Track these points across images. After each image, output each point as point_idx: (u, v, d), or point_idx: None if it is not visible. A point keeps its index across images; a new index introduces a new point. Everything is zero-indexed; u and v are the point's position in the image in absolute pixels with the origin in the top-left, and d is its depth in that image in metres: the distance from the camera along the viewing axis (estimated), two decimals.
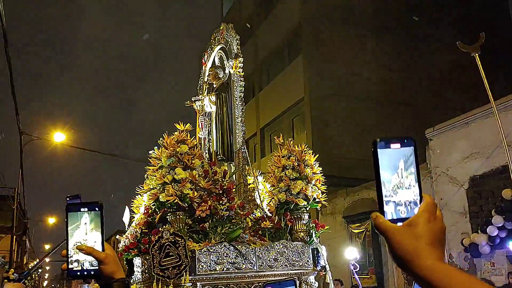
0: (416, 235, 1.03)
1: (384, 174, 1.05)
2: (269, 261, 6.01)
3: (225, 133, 7.24)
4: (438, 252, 1.03)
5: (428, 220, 1.04)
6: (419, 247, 1.02)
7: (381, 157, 1.05)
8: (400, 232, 1.03)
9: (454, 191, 12.51)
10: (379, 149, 1.05)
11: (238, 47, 7.25)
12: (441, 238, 1.06)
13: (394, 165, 1.05)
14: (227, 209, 6.06)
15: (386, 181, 1.05)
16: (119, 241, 6.90)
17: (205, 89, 7.88)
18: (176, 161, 6.06)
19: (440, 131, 13.17)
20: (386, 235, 1.05)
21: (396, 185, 1.05)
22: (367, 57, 20.02)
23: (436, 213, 1.07)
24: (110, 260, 1.48)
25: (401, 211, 1.05)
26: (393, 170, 1.05)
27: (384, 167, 1.05)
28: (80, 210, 1.46)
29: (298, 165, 6.36)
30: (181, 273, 5.55)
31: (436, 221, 1.06)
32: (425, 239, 1.02)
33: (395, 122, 19.23)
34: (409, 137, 1.09)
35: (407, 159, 1.06)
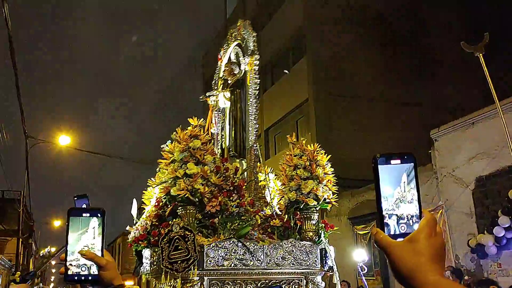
0: (416, 251, 1.03)
1: (385, 188, 1.06)
2: (277, 259, 6.03)
3: (238, 129, 7.25)
4: (438, 267, 1.03)
5: (428, 236, 1.04)
6: (420, 263, 1.02)
7: (381, 173, 1.06)
8: (401, 248, 1.04)
9: (460, 192, 12.49)
10: (379, 165, 1.07)
11: (255, 44, 7.25)
12: (441, 254, 1.05)
13: (395, 180, 1.06)
14: (237, 205, 6.09)
15: (388, 196, 1.06)
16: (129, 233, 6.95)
17: (220, 85, 7.89)
18: (188, 155, 6.08)
19: (445, 131, 13.14)
20: (386, 251, 1.06)
21: (398, 199, 1.06)
22: (371, 58, 19.96)
23: (436, 228, 1.07)
24: (110, 266, 1.50)
25: (401, 226, 1.06)
26: (394, 185, 1.06)
27: (385, 182, 1.07)
28: (82, 215, 1.46)
29: (310, 165, 6.36)
30: (189, 267, 5.58)
31: (437, 237, 1.06)
32: (426, 255, 1.02)
33: (400, 123, 19.19)
34: (409, 153, 1.09)
35: (408, 174, 1.07)
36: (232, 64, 7.77)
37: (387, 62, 19.85)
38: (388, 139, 18.89)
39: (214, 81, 8.18)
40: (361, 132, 19.02)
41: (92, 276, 1.46)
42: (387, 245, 1.06)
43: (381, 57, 19.92)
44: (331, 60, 19.74)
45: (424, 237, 1.04)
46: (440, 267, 1.03)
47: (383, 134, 18.97)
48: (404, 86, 19.65)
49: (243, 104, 7.32)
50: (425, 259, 1.02)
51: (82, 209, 1.52)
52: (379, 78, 19.69)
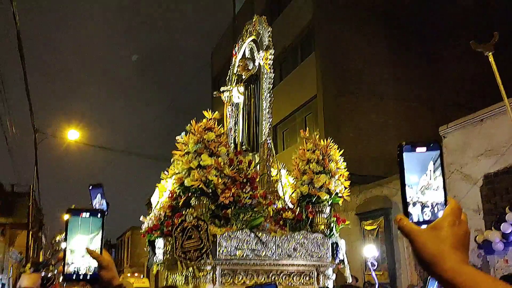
0: (440, 238, 1.04)
1: (410, 176, 1.07)
2: (288, 250, 6.12)
3: (251, 124, 7.31)
4: (462, 255, 1.05)
5: (452, 224, 1.05)
6: (443, 250, 1.03)
7: (406, 160, 1.07)
8: (424, 234, 1.05)
9: (468, 189, 12.53)
10: (404, 152, 1.07)
11: (270, 39, 7.30)
12: (465, 242, 1.06)
13: (421, 167, 1.07)
14: (250, 197, 6.17)
15: (413, 183, 1.07)
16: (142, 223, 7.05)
17: (234, 80, 7.96)
18: (202, 147, 6.17)
19: (454, 128, 13.16)
20: (410, 238, 1.06)
21: (424, 187, 1.07)
22: (380, 55, 19.93)
23: (461, 217, 1.09)
24: (110, 267, 1.52)
25: (425, 214, 1.06)
26: (420, 172, 1.07)
27: (410, 169, 1.07)
28: (81, 215, 1.48)
29: (323, 159, 6.44)
30: (202, 256, 5.68)
31: (461, 225, 1.07)
32: (449, 242, 1.04)
33: (409, 120, 19.18)
34: (435, 141, 1.11)
35: (434, 161, 1.08)
36: (247, 59, 7.82)
37: (397, 59, 19.83)
38: (396, 137, 18.92)
39: (228, 77, 8.24)
40: (369, 129, 19.04)
41: (91, 275, 1.48)
42: (410, 231, 1.06)
43: (390, 54, 19.91)
44: (340, 56, 19.74)
45: (448, 224, 1.04)
46: (463, 255, 1.04)
47: (391, 131, 19.00)
48: (413, 84, 19.64)
49: (256, 99, 7.38)
50: (448, 246, 1.03)
51: (82, 209, 1.52)
52: (388, 75, 19.69)
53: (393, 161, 6.92)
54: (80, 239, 1.47)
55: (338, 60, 19.81)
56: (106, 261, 1.50)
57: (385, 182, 15.52)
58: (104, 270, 1.49)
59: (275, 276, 6.14)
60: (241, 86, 7.50)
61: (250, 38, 7.92)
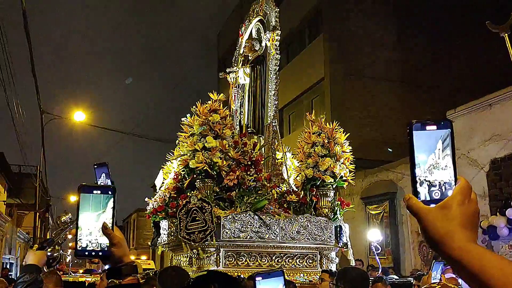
0: (448, 217, 1.03)
1: (419, 155, 1.05)
2: (292, 233, 6.13)
3: (257, 106, 7.28)
4: (471, 234, 1.03)
5: (461, 203, 1.04)
6: (451, 229, 1.02)
7: (416, 139, 1.05)
8: (433, 213, 1.04)
9: (474, 174, 12.44)
10: (414, 130, 1.05)
11: (276, 20, 7.21)
12: (474, 221, 1.05)
13: (430, 146, 1.05)
14: (254, 180, 6.17)
15: (421, 162, 1.05)
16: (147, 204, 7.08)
17: (240, 61, 7.89)
18: (207, 129, 6.15)
19: (461, 112, 13.03)
20: (418, 217, 1.05)
21: (432, 166, 1.05)
22: (389, 37, 19.70)
23: (471, 195, 1.06)
24: (121, 244, 1.51)
25: (434, 193, 1.05)
26: (429, 151, 1.05)
27: (419, 148, 1.05)
28: (93, 192, 1.48)
29: (328, 143, 6.41)
30: (206, 238, 5.71)
31: (470, 204, 1.05)
32: (458, 221, 1.02)
33: (417, 104, 19.03)
34: (446, 119, 1.08)
35: (444, 140, 1.06)
36: (253, 40, 7.74)
37: (405, 41, 19.60)
38: (403, 120, 18.80)
39: (234, 58, 8.17)
40: (376, 113, 18.92)
41: (102, 251, 1.49)
42: (419, 210, 1.05)
43: (398, 36, 19.68)
44: (347, 39, 19.53)
45: (457, 203, 1.03)
46: (472, 234, 1.03)
47: (399, 115, 18.87)
48: (421, 67, 19.45)
49: (262, 81, 7.33)
50: (456, 225, 1.02)
51: (93, 186, 1.51)
52: (396, 58, 19.48)
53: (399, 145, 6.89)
54: (92, 216, 1.47)
55: (345, 43, 19.60)
56: (117, 238, 1.50)
57: (391, 167, 15.46)
58: (115, 247, 1.50)
59: (278, 258, 6.17)
60: (247, 68, 7.43)
61: (257, 19, 7.84)
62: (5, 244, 25.15)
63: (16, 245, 29.00)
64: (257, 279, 2.01)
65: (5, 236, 24.83)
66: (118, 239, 1.51)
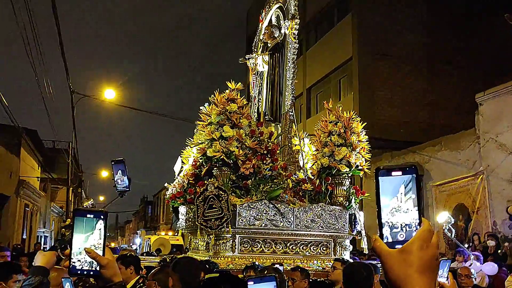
0: (407, 262, 1.05)
1: (384, 199, 1.10)
2: (306, 221, 6.25)
3: (275, 94, 7.32)
4: (427, 280, 1.06)
5: (420, 248, 1.06)
6: (409, 275, 1.05)
7: (382, 184, 1.10)
8: (393, 257, 1.07)
9: (502, 158, 12.24)
10: (380, 176, 1.10)
11: (295, 8, 7.19)
12: (432, 265, 1.08)
13: (393, 190, 1.10)
14: (270, 169, 6.27)
15: (385, 206, 1.10)
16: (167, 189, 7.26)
17: (260, 47, 7.91)
18: (225, 118, 6.26)
19: (491, 95, 12.75)
20: (381, 259, 1.10)
21: (394, 209, 1.09)
22: (419, 17, 19.26)
23: (431, 239, 1.09)
24: (110, 265, 1.60)
25: (399, 234, 1.09)
26: (392, 195, 1.10)
27: (385, 192, 1.10)
28: (86, 216, 1.58)
29: (344, 132, 6.44)
30: (222, 225, 5.87)
31: (429, 249, 1.08)
32: (416, 267, 1.05)
33: (445, 86, 18.68)
34: (411, 166, 1.12)
35: (406, 185, 1.10)
36: (273, 27, 7.74)
37: (436, 22, 19.18)
38: (431, 103, 18.53)
39: (254, 43, 8.20)
40: (403, 94, 18.68)
41: (93, 271, 1.59)
42: (381, 253, 1.08)
43: (429, 17, 19.26)
44: (377, 18, 19.20)
45: (416, 248, 1.06)
46: (430, 279, 1.06)
47: (427, 95, 18.60)
48: (451, 48, 19.04)
49: (281, 68, 7.36)
50: (414, 271, 1.05)
51: (87, 210, 1.63)
52: (426, 39, 19.11)
53: (427, 128, 6.90)
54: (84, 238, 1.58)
55: (375, 22, 19.29)
56: (105, 260, 1.59)
57: (418, 149, 15.32)
58: (103, 269, 1.59)
59: (293, 245, 6.31)
60: (265, 55, 7.45)
61: (277, 5, 7.81)
62: (39, 218, 26.08)
63: (50, 219, 30.02)
64: (249, 284, 2.03)
65: (40, 210, 25.72)
66: (107, 261, 1.60)
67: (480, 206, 12.60)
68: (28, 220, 22.98)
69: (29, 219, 23.07)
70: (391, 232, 1.09)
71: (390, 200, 1.10)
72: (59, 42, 12.24)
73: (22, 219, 21.63)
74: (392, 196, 1.10)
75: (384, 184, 1.10)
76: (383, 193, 1.10)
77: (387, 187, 1.10)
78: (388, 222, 1.10)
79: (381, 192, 1.10)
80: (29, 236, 23.16)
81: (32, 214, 23.83)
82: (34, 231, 24.92)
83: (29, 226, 23.24)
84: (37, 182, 23.68)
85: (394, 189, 1.10)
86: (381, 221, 1.10)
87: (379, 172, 1.11)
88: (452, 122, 16.23)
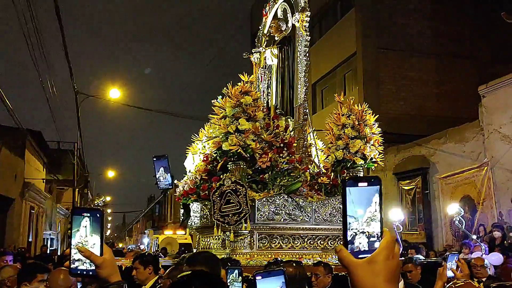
0: (375, 272, 1.09)
1: (350, 209, 1.10)
2: (324, 215, 6.19)
3: (285, 87, 7.25)
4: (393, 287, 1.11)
5: (387, 258, 1.10)
6: (377, 284, 1.09)
7: (349, 194, 1.11)
8: (361, 267, 1.09)
9: (506, 149, 12.21)
10: (347, 187, 1.11)
11: (305, 1, 7.13)
12: (397, 275, 1.12)
13: (359, 201, 1.11)
14: (287, 162, 6.21)
15: (359, 216, 1.11)
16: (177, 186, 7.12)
17: (264, 41, 7.84)
18: (240, 111, 6.15)
19: (493, 87, 12.72)
20: (348, 270, 1.11)
21: (369, 218, 1.11)
22: (422, 9, 19.21)
23: (395, 250, 1.12)
24: (107, 264, 1.56)
25: (362, 244, 1.11)
26: (358, 206, 1.11)
27: (351, 202, 1.10)
28: (82, 214, 1.56)
29: (358, 124, 6.39)
30: (240, 220, 5.76)
31: (394, 259, 1.11)
32: (383, 276, 1.09)
33: (452, 77, 18.62)
34: (376, 177, 1.14)
35: (372, 196, 1.12)
36: (280, 20, 7.66)
37: (439, 13, 19.10)
38: (437, 95, 18.48)
39: (257, 38, 8.11)
40: (409, 87, 18.62)
41: (92, 271, 1.55)
42: (348, 263, 1.10)
43: (432, 8, 19.18)
44: (380, 11, 19.14)
45: (382, 259, 1.09)
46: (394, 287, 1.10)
47: (432, 89, 18.54)
48: (457, 39, 18.96)
49: (290, 61, 7.28)
50: (382, 280, 1.09)
51: (84, 209, 1.61)
52: (431, 30, 19.04)
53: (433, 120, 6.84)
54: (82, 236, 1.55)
55: (378, 16, 19.23)
56: (99, 259, 1.54)
57: (424, 142, 15.29)
58: (99, 269, 1.55)
59: (311, 240, 6.25)
60: (274, 48, 7.37)
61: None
62: (45, 220, 26.05)
63: (57, 220, 29.99)
64: (257, 278, 2.00)
65: (45, 212, 25.68)
66: (103, 260, 1.55)
67: (485, 198, 12.59)
68: (34, 223, 22.94)
69: (34, 222, 23.03)
70: (360, 242, 1.11)
71: (365, 210, 1.11)
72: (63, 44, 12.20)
73: (28, 221, 21.59)
74: (359, 207, 1.11)
75: (351, 194, 1.11)
76: (349, 203, 1.11)
77: (355, 197, 1.11)
78: (354, 232, 1.11)
79: (348, 202, 1.11)
80: (35, 238, 23.11)
81: (38, 216, 23.79)
82: (40, 234, 24.87)
83: (35, 228, 23.20)
84: (43, 184, 23.62)
85: (359, 200, 1.11)
86: (346, 231, 1.10)
87: (346, 182, 1.12)
88: (460, 114, 16.16)
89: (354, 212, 1.11)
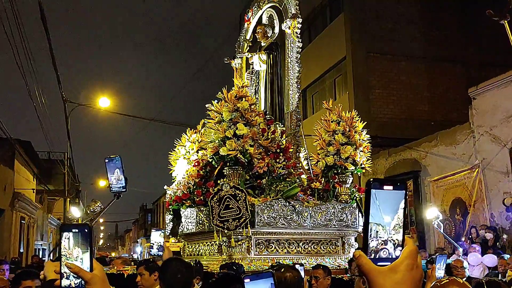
0: (397, 282, 1.05)
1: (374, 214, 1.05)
2: (320, 219, 6.24)
3: (274, 93, 7.27)
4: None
5: (410, 268, 1.06)
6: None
7: (373, 197, 1.05)
8: (383, 276, 1.05)
9: (497, 151, 12.31)
10: (373, 189, 1.05)
11: (296, 7, 7.17)
12: (419, 286, 1.09)
13: (385, 206, 1.06)
14: (283, 167, 6.23)
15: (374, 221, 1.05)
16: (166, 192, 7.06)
17: (246, 47, 7.85)
18: (238, 116, 6.14)
19: (483, 89, 12.85)
20: (368, 277, 1.07)
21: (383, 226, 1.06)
22: (412, 13, 19.36)
23: (418, 260, 1.09)
24: (96, 280, 1.52)
25: (384, 251, 1.06)
26: (383, 211, 1.05)
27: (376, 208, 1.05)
28: (71, 230, 1.54)
29: (349, 131, 6.46)
30: (240, 225, 5.75)
31: (417, 269, 1.08)
32: (406, 287, 1.05)
33: (442, 81, 18.78)
34: (402, 181, 1.09)
35: (399, 202, 1.06)
36: (266, 26, 7.68)
37: (429, 17, 19.23)
38: (427, 98, 18.62)
39: (237, 43, 8.11)
40: (399, 91, 18.73)
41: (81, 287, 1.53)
42: (369, 270, 1.06)
43: (422, 12, 19.29)
44: (369, 16, 19.21)
45: (405, 268, 1.05)
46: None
47: (423, 93, 18.68)
48: (446, 43, 19.09)
49: (279, 68, 7.31)
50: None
51: (72, 225, 1.58)
52: (420, 34, 19.14)
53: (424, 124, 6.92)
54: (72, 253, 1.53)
55: (367, 20, 19.32)
56: (88, 275, 1.52)
57: (415, 145, 15.38)
58: (88, 285, 1.52)
59: (305, 244, 6.28)
60: (263, 54, 7.39)
61: (269, 5, 7.73)
62: (36, 231, 25.82)
63: (48, 231, 29.73)
64: (246, 281, 1.94)
65: (36, 223, 25.46)
66: (91, 276, 1.52)
67: (477, 199, 12.65)
68: (25, 233, 22.73)
69: (25, 232, 22.82)
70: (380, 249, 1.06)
71: (381, 216, 1.05)
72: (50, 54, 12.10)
73: (19, 232, 21.38)
74: (384, 213, 1.05)
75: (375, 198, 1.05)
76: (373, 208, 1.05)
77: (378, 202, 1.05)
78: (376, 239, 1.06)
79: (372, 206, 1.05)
80: (26, 249, 22.90)
81: (29, 227, 23.58)
82: (32, 244, 24.64)
83: (26, 239, 22.98)
84: (33, 194, 23.41)
85: (385, 205, 1.05)
86: (367, 237, 1.05)
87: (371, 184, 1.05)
88: (450, 117, 16.30)
89: (381, 218, 1.05)
